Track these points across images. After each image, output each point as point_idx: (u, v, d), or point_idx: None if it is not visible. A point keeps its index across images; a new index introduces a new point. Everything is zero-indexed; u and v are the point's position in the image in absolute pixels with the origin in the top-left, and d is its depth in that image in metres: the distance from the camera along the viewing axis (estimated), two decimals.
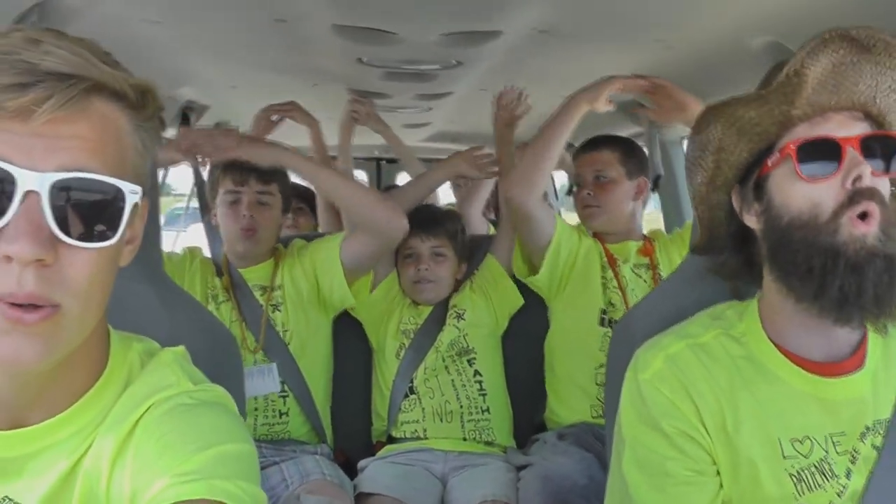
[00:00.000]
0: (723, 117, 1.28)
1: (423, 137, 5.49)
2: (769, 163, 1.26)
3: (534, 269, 2.66)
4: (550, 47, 2.53)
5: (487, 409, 2.60)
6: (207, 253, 2.76)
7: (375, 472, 2.43)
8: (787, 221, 1.23)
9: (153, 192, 1.28)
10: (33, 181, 0.81)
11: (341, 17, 2.27)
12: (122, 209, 0.88)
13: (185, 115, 3.55)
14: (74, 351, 0.91)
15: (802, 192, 1.21)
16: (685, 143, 3.41)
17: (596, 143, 2.82)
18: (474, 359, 2.64)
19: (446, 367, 2.62)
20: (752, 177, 1.30)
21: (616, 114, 3.39)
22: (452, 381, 2.61)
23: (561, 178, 5.36)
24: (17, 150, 0.81)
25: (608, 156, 2.75)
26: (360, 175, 6.96)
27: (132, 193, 0.88)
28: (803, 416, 1.30)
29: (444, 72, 2.99)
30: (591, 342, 2.61)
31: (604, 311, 2.62)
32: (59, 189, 0.82)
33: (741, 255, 1.39)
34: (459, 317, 2.68)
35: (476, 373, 2.62)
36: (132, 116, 0.92)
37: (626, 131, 3.58)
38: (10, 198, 0.80)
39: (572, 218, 2.91)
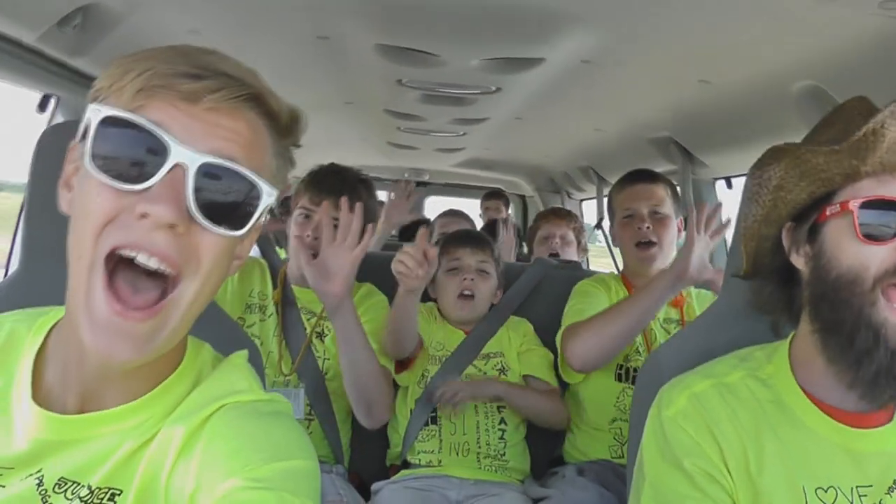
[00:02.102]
0: (787, 157, 1.25)
1: (456, 162, 5.50)
2: (828, 212, 1.23)
3: None
4: (591, 78, 2.52)
5: (504, 454, 2.55)
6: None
7: (390, 496, 2.39)
8: (835, 276, 1.20)
9: None
10: (184, 156, 0.88)
11: (384, 37, 2.28)
12: (256, 205, 0.95)
13: None
14: None
15: (855, 251, 1.18)
16: (717, 185, 3.42)
17: (649, 177, 2.68)
18: (504, 406, 2.59)
19: (475, 407, 2.57)
20: (808, 219, 1.27)
21: (650, 149, 3.40)
22: (478, 421, 2.56)
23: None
24: (179, 125, 0.89)
25: (662, 192, 2.63)
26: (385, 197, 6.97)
27: (268, 195, 0.95)
28: (830, 465, 1.27)
29: (483, 97, 2.99)
30: (609, 397, 2.58)
31: (620, 367, 2.57)
32: (206, 171, 0.89)
33: (784, 290, 1.36)
34: (503, 372, 2.62)
35: (502, 420, 2.58)
36: (275, 139, 1.00)
37: (658, 168, 3.56)
38: (160, 165, 0.87)
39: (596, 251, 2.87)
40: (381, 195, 6.63)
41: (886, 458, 1.27)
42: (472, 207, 6.42)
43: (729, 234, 3.38)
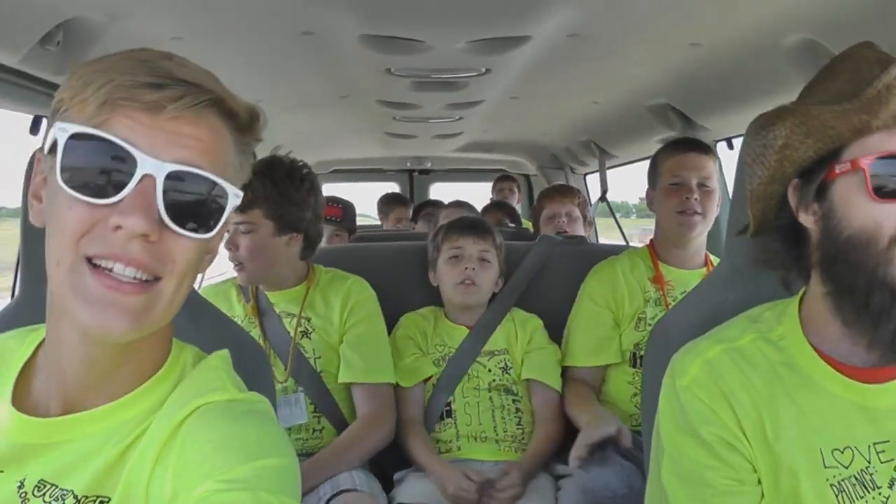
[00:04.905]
0: (793, 117, 1.20)
1: (456, 147, 5.48)
2: (837, 169, 1.18)
3: None
4: (581, 51, 2.49)
5: (524, 439, 2.56)
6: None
7: (412, 484, 2.41)
8: (847, 237, 1.16)
9: None
10: (152, 166, 0.91)
11: (367, 27, 2.27)
12: (223, 207, 0.98)
13: None
14: (143, 339, 0.98)
15: (868, 210, 1.14)
16: (718, 147, 3.39)
17: (701, 146, 2.64)
18: (518, 399, 2.60)
19: (490, 398, 2.57)
20: (816, 177, 1.22)
21: (649, 118, 3.37)
22: (493, 411, 2.57)
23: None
24: (144, 137, 0.91)
25: (711, 165, 2.58)
26: (393, 187, 6.95)
27: (235, 196, 0.99)
28: (846, 425, 1.25)
29: (474, 79, 2.97)
30: (625, 377, 2.61)
31: (633, 354, 2.59)
32: (173, 178, 0.92)
33: (791, 247, 1.32)
34: (505, 370, 2.62)
35: (517, 409, 2.58)
36: (237, 138, 1.02)
37: (658, 136, 3.53)
38: (129, 177, 0.90)
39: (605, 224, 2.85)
40: (387, 187, 6.69)
41: None
42: (477, 190, 6.43)
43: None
